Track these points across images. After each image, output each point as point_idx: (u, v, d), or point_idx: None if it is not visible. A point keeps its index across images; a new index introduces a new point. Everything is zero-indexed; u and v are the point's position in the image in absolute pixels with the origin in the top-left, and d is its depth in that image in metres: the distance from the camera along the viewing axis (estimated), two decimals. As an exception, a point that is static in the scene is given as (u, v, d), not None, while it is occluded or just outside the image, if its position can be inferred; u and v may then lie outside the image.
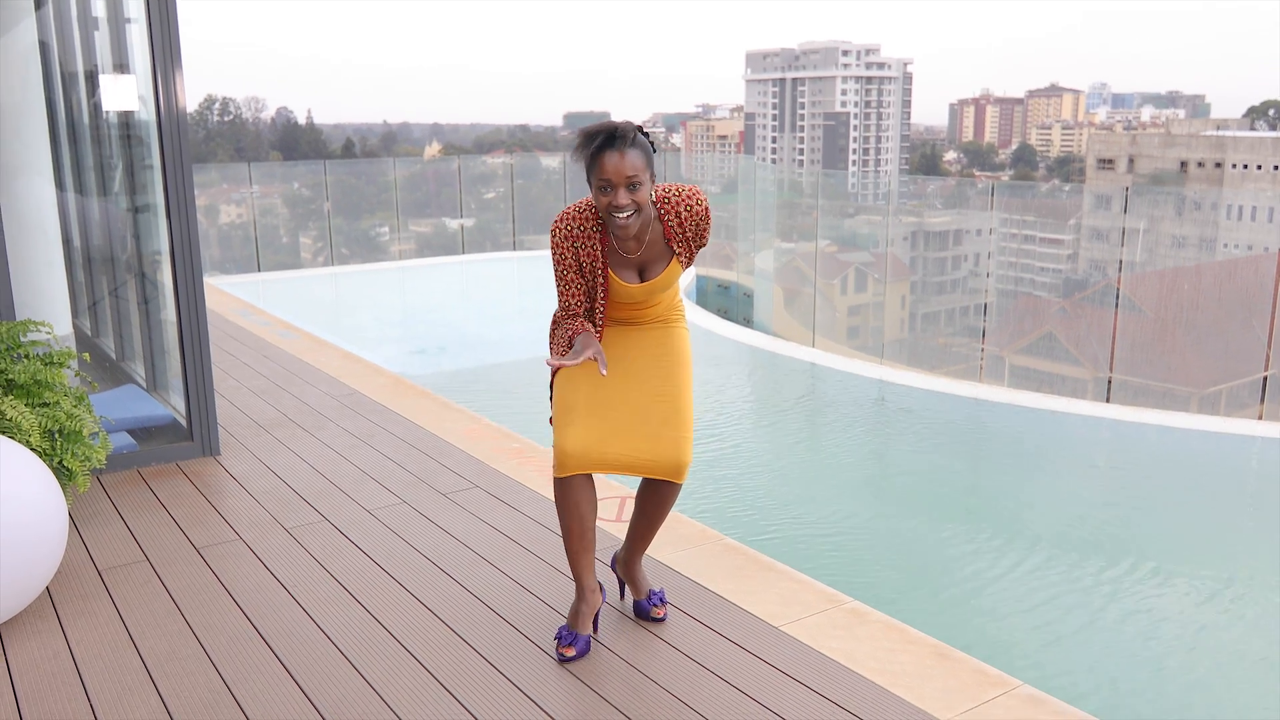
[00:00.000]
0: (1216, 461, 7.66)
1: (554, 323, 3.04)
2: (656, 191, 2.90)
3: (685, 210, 2.90)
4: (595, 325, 2.98)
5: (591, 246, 2.88)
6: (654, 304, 3.04)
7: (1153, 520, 6.97)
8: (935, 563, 6.28)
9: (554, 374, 3.06)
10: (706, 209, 2.92)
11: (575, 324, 2.94)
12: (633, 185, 2.74)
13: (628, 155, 2.73)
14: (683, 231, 2.92)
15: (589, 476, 3.00)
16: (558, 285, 2.95)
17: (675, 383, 3.04)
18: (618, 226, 2.79)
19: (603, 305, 2.96)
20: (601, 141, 2.74)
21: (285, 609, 3.44)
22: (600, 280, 2.92)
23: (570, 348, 2.90)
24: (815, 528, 6.70)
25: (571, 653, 3.05)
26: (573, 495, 2.99)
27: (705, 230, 2.94)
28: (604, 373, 2.74)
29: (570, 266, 2.91)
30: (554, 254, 2.92)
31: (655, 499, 3.15)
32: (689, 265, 3.03)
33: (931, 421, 8.80)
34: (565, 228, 2.88)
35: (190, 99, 4.86)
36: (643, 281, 2.95)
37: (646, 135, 2.82)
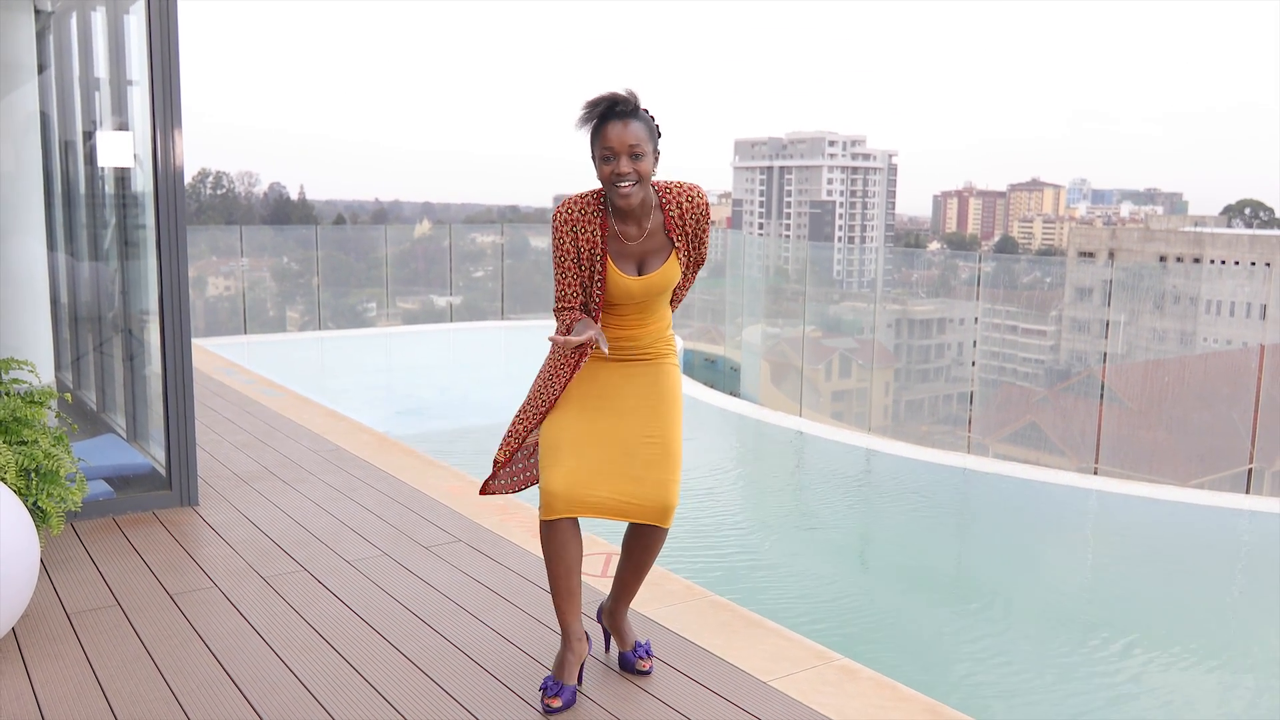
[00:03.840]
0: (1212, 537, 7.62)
1: (561, 325, 2.95)
2: (657, 184, 2.89)
3: (686, 201, 2.89)
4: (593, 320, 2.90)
5: (591, 232, 2.82)
6: (650, 313, 2.96)
7: (1144, 592, 6.91)
8: (922, 634, 6.18)
9: (528, 404, 3.01)
10: (707, 205, 2.93)
11: (570, 315, 2.87)
12: (635, 155, 2.73)
13: (630, 125, 2.73)
14: (683, 224, 2.90)
15: (575, 521, 2.93)
16: (555, 274, 2.88)
17: (665, 422, 2.98)
18: (620, 197, 2.75)
19: (599, 298, 2.87)
20: (603, 111, 2.75)
21: (259, 655, 3.34)
22: (598, 270, 2.84)
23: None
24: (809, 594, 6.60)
25: (557, 704, 2.94)
26: (559, 538, 2.91)
27: (705, 226, 2.93)
28: (606, 351, 2.73)
29: (568, 253, 2.84)
30: (554, 239, 2.85)
31: (641, 545, 3.07)
32: (688, 273, 2.99)
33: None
34: (566, 211, 2.84)
35: (185, 168, 4.93)
36: (640, 276, 2.89)
37: (650, 115, 2.82)
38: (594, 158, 2.78)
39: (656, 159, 2.80)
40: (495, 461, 3.07)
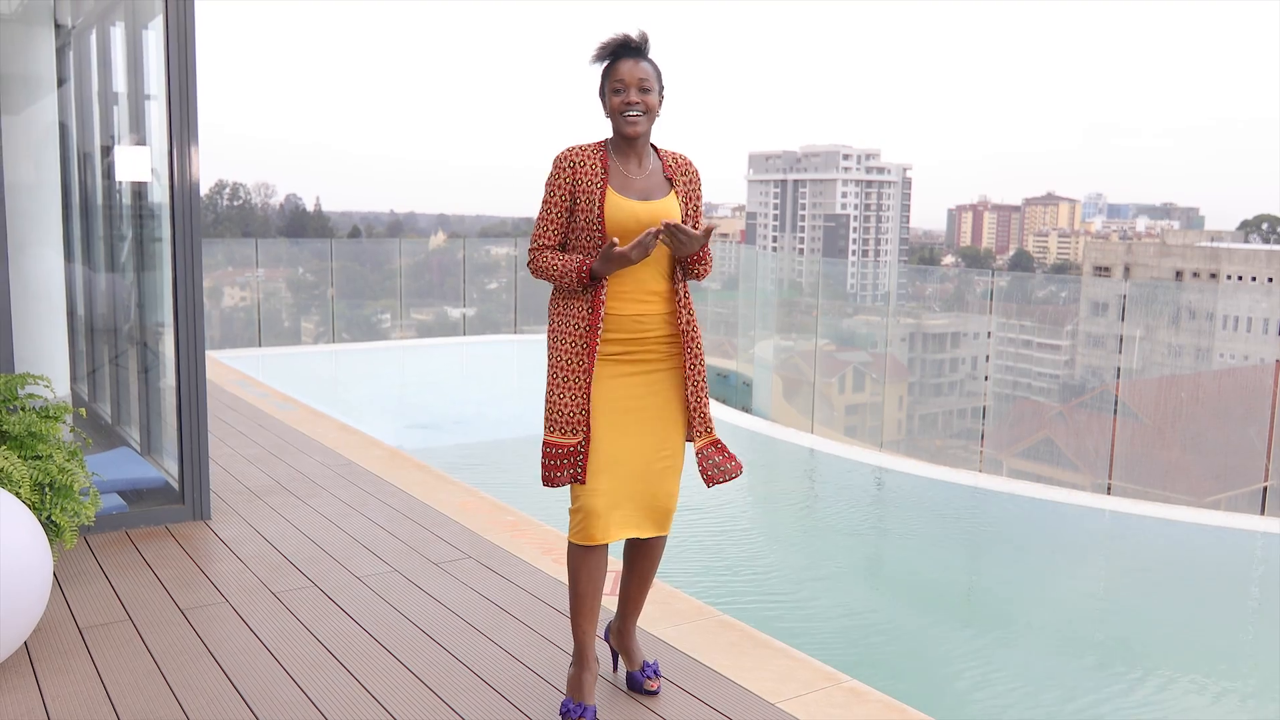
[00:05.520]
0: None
1: (534, 260, 3.01)
2: (653, 145, 3.04)
3: (680, 158, 3.07)
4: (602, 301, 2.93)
5: (591, 166, 2.93)
6: (656, 275, 2.94)
7: (1159, 617, 6.86)
8: (931, 656, 6.15)
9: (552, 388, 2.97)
10: (697, 169, 3.09)
11: (553, 254, 2.96)
12: (644, 89, 2.91)
13: (640, 63, 2.91)
14: (679, 172, 3.04)
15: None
16: (542, 213, 3.00)
17: (679, 436, 3.03)
18: (628, 124, 2.90)
19: (599, 234, 2.89)
20: (616, 49, 2.93)
21: (269, 672, 3.35)
22: (597, 202, 2.90)
23: (577, 268, 2.88)
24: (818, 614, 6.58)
25: None
26: (592, 560, 2.95)
27: (698, 188, 3.07)
28: (657, 237, 2.77)
29: (562, 193, 2.94)
30: (550, 180, 2.96)
31: (643, 554, 3.11)
32: (686, 218, 3.01)
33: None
34: (568, 154, 2.97)
35: (201, 181, 4.97)
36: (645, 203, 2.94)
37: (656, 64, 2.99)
38: (604, 93, 2.94)
39: (661, 100, 2.97)
40: (557, 449, 2.92)
